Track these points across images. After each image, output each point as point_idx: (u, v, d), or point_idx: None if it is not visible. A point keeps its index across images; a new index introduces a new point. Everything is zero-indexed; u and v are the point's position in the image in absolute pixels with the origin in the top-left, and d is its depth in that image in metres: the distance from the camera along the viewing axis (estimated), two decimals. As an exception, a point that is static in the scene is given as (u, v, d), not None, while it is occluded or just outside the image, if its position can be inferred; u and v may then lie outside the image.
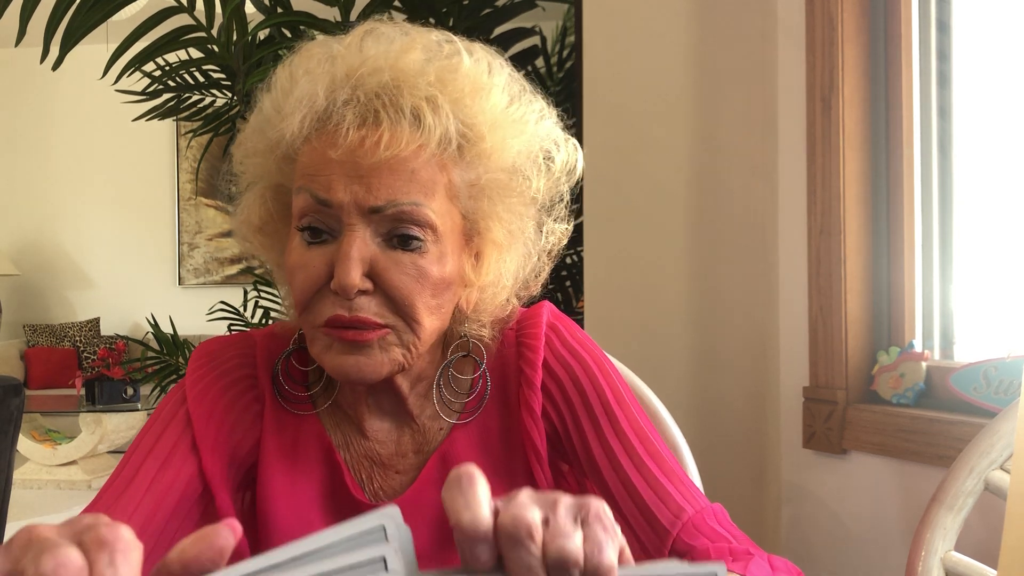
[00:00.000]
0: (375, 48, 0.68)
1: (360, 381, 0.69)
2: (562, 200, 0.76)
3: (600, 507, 0.45)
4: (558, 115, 0.75)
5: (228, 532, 0.39)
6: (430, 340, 0.70)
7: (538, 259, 0.76)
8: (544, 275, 0.78)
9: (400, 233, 0.65)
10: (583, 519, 0.44)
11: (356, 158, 0.64)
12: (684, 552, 0.70)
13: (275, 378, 0.77)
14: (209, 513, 0.72)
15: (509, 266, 0.73)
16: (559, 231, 0.77)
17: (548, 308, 0.80)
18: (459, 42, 0.70)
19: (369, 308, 0.66)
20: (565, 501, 0.44)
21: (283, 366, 0.77)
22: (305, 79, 0.68)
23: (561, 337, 0.78)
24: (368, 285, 0.66)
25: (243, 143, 0.74)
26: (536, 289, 0.78)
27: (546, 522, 0.43)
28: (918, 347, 1.31)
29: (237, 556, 0.74)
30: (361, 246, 0.65)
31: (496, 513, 0.42)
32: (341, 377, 0.68)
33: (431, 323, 0.68)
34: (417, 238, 0.66)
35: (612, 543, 0.43)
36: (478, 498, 0.41)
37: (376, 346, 0.67)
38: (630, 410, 0.76)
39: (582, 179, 0.78)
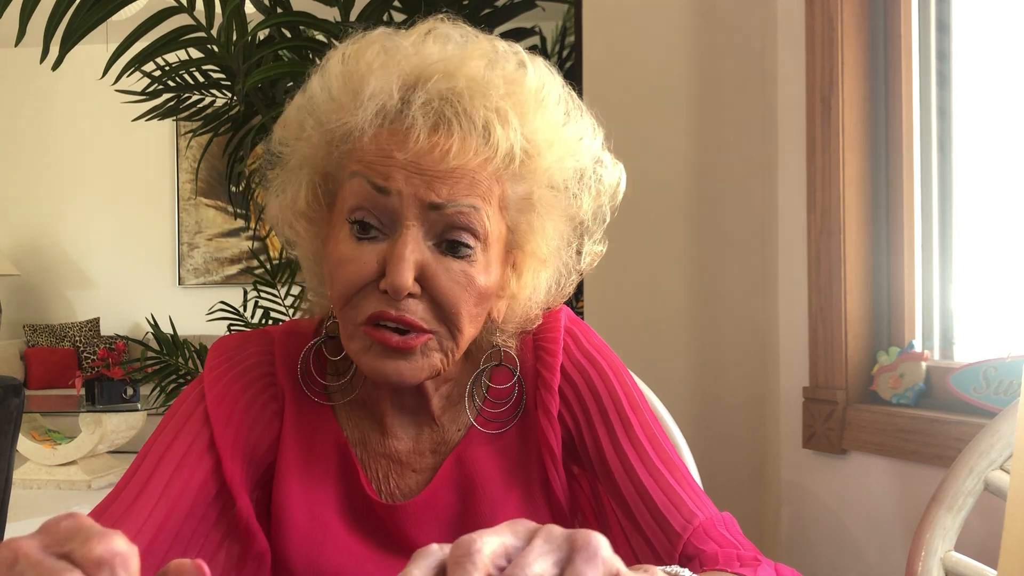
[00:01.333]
0: (446, 50, 0.67)
1: (399, 385, 0.69)
2: (605, 222, 0.76)
3: (590, 542, 0.40)
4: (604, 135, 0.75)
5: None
6: (466, 347, 0.70)
7: (571, 275, 0.76)
8: (570, 289, 0.78)
9: (452, 239, 0.65)
10: (567, 556, 0.39)
11: (422, 162, 0.64)
12: (693, 556, 0.70)
13: (303, 368, 0.76)
14: (227, 513, 0.72)
15: (546, 281, 0.74)
16: (596, 252, 0.77)
17: (566, 313, 0.80)
18: (523, 52, 0.70)
19: (416, 311, 0.65)
20: (551, 532, 0.40)
21: (311, 358, 0.76)
22: (380, 73, 0.66)
23: (578, 342, 0.78)
24: (417, 289, 0.65)
25: (288, 124, 0.72)
26: (559, 301, 0.78)
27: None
28: (918, 347, 1.31)
29: (255, 554, 0.74)
30: (415, 248, 0.64)
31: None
32: (380, 380, 0.68)
33: (470, 331, 0.69)
34: (468, 245, 0.66)
35: None
36: None
37: (419, 352, 0.67)
38: (644, 417, 0.76)
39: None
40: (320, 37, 1.88)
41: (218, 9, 1.80)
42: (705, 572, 0.67)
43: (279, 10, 1.84)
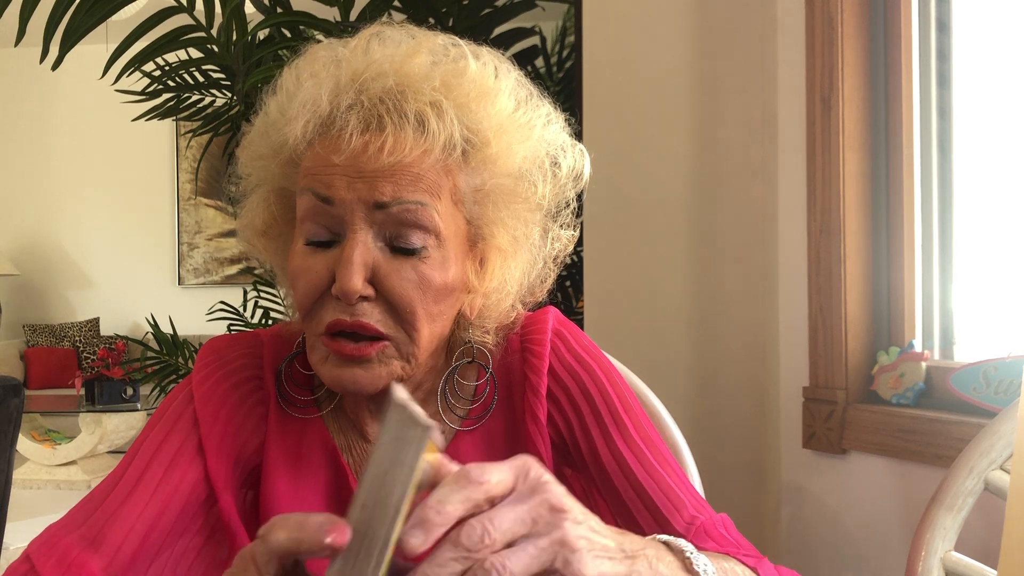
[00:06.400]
0: (380, 52, 0.67)
1: (356, 393, 0.68)
2: (568, 206, 0.76)
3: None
4: (565, 120, 0.75)
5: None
6: (429, 348, 0.69)
7: (544, 265, 0.76)
8: (550, 281, 0.77)
9: (403, 237, 0.65)
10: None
11: (359, 163, 0.64)
12: None
13: (279, 381, 0.76)
14: (211, 518, 0.72)
15: (514, 272, 0.73)
16: (565, 237, 0.77)
17: (553, 314, 0.80)
18: (465, 46, 0.69)
19: (372, 315, 0.65)
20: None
21: (287, 369, 0.76)
22: (310, 82, 0.67)
23: (567, 344, 0.78)
24: (370, 291, 0.65)
25: (248, 146, 0.73)
26: (541, 295, 0.78)
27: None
28: (918, 347, 1.31)
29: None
30: (363, 251, 0.64)
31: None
32: (338, 389, 0.68)
33: (432, 330, 0.68)
34: (421, 243, 0.65)
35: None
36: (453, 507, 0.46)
37: (375, 359, 0.67)
38: (637, 417, 0.76)
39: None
40: (320, 37, 1.88)
41: (218, 9, 1.80)
42: (709, 551, 0.67)
43: (279, 10, 1.84)
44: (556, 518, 0.48)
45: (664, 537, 0.60)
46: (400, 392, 0.46)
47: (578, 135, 0.77)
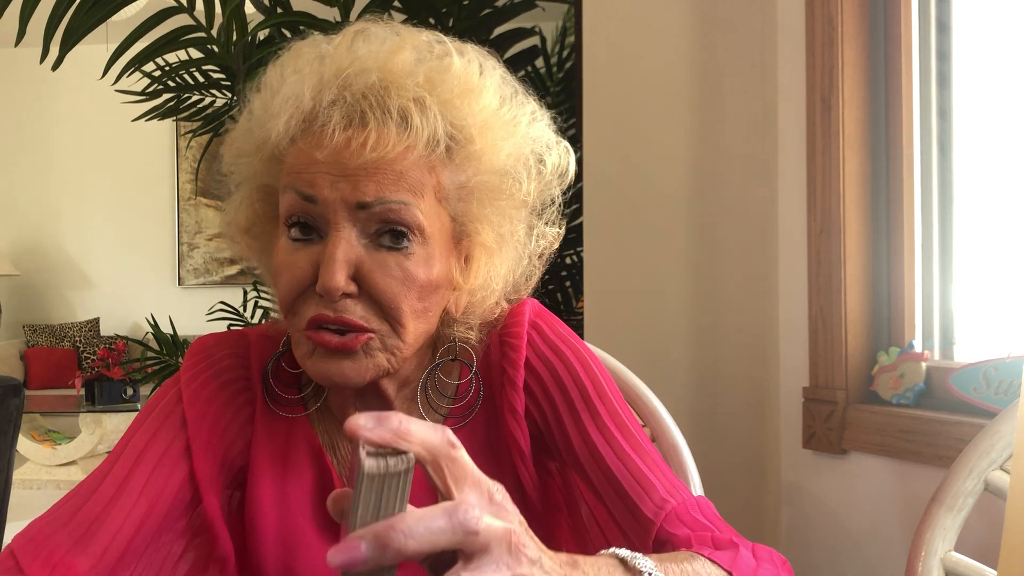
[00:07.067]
0: (365, 49, 0.67)
1: (344, 386, 0.68)
2: (554, 203, 0.75)
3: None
4: (552, 117, 0.74)
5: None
6: (416, 344, 0.69)
7: (529, 262, 0.75)
8: (535, 279, 0.77)
9: (387, 234, 0.65)
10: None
11: (342, 159, 0.63)
12: (665, 541, 0.69)
13: (266, 380, 0.76)
14: (195, 520, 0.72)
15: (499, 269, 0.72)
16: (551, 234, 0.76)
17: (530, 306, 0.79)
18: (450, 43, 0.69)
19: (355, 311, 0.65)
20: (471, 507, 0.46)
21: (273, 368, 0.76)
22: (293, 79, 0.67)
23: (542, 334, 0.77)
24: (353, 288, 0.65)
25: (232, 144, 0.73)
26: (527, 292, 0.77)
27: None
28: (918, 347, 1.31)
29: (218, 557, 0.73)
30: (347, 248, 0.64)
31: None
32: (325, 382, 0.68)
33: (417, 326, 0.68)
34: (404, 239, 0.65)
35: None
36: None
37: (361, 352, 0.66)
38: (612, 404, 0.75)
39: (581, 179, 0.77)
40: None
41: (218, 9, 1.80)
42: (669, 552, 0.65)
43: (279, 10, 1.84)
44: (517, 553, 0.47)
45: (624, 553, 0.58)
46: (368, 462, 0.44)
47: (577, 135, 0.77)
